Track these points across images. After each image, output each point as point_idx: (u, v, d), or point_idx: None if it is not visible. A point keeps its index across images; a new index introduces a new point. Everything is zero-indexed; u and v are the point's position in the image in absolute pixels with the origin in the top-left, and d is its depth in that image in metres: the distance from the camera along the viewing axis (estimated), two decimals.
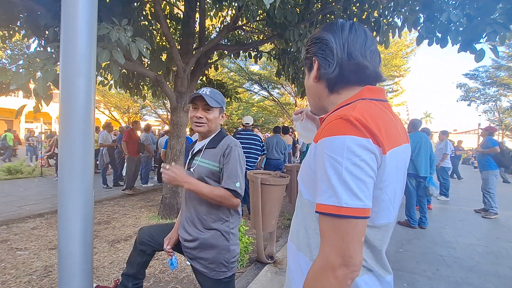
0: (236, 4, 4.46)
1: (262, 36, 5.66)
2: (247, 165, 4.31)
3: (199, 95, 1.41)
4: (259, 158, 4.95)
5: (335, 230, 0.58)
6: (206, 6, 5.29)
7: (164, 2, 5.30)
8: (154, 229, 1.74)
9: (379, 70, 0.75)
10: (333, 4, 4.06)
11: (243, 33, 5.99)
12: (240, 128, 7.29)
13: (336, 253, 0.58)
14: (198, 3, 4.73)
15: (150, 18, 4.96)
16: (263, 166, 5.50)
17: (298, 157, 8.81)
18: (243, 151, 1.48)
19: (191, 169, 1.45)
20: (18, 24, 3.62)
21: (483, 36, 2.92)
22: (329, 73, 0.73)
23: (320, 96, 0.79)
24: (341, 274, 0.57)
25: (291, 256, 0.80)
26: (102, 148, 6.91)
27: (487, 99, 20.84)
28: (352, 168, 0.58)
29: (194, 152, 1.52)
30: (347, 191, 0.58)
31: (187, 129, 5.65)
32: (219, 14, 5.96)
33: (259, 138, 4.80)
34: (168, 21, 5.42)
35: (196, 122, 1.46)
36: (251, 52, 5.50)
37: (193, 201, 1.44)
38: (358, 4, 4.17)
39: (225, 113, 1.57)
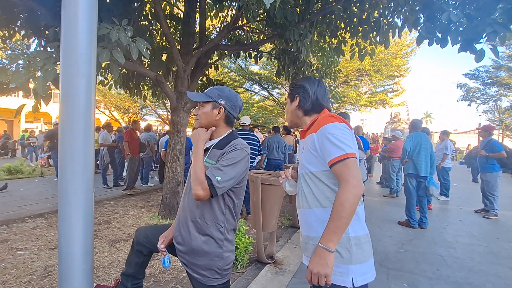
0: (236, 4, 4.47)
1: (262, 36, 5.66)
2: None
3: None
4: (258, 158, 4.95)
5: (347, 166, 1.04)
6: (206, 6, 5.29)
7: (164, 2, 5.30)
8: (150, 230, 1.72)
9: (329, 106, 1.33)
10: (333, 4, 4.06)
11: (243, 33, 5.99)
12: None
13: (352, 178, 1.02)
14: (198, 3, 4.73)
15: (150, 18, 4.96)
16: (263, 166, 5.50)
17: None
18: None
19: None
20: (18, 24, 3.62)
21: (483, 36, 2.92)
22: (306, 106, 1.30)
23: (297, 117, 1.34)
24: (359, 190, 1.02)
25: (306, 216, 1.20)
26: (102, 148, 6.92)
27: (487, 99, 20.84)
28: (343, 135, 1.09)
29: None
30: (344, 145, 1.07)
31: (188, 129, 5.65)
32: (219, 14, 5.96)
33: (256, 138, 4.80)
34: (168, 21, 5.42)
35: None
36: (251, 52, 5.50)
37: (189, 203, 1.39)
38: (358, 4, 4.17)
39: (222, 108, 1.41)
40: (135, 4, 4.16)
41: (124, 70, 4.95)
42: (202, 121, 1.42)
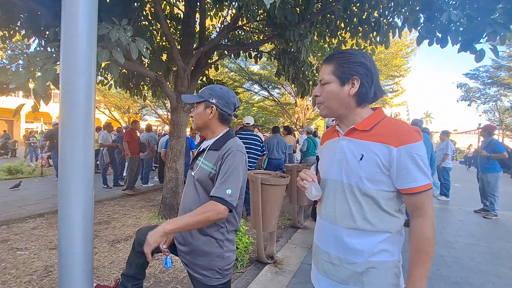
0: (236, 4, 4.47)
1: (262, 36, 5.66)
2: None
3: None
4: (259, 158, 4.94)
5: (430, 198, 0.92)
6: (206, 6, 5.29)
7: (164, 2, 5.30)
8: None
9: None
10: (333, 4, 4.06)
11: (243, 33, 5.99)
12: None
13: (432, 211, 0.93)
14: (198, 3, 4.73)
15: (150, 18, 4.96)
16: (264, 167, 5.49)
17: (298, 158, 8.77)
18: None
19: (193, 173, 1.39)
20: (19, 24, 3.62)
21: (483, 36, 2.92)
22: (367, 93, 0.98)
23: (348, 107, 1.01)
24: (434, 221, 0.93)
25: (348, 236, 0.98)
26: (102, 148, 6.92)
27: (487, 99, 20.81)
28: (425, 160, 0.92)
29: (199, 150, 1.45)
30: (429, 172, 0.92)
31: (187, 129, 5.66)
32: (219, 14, 5.96)
33: (259, 139, 4.79)
34: (168, 21, 5.42)
35: None
36: (251, 52, 5.50)
37: (189, 203, 1.38)
38: (358, 4, 4.17)
39: (214, 106, 1.38)
40: (135, 4, 4.17)
41: (124, 70, 4.95)
42: (197, 121, 1.42)
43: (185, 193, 1.46)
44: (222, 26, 5.67)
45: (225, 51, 5.64)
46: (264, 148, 4.95)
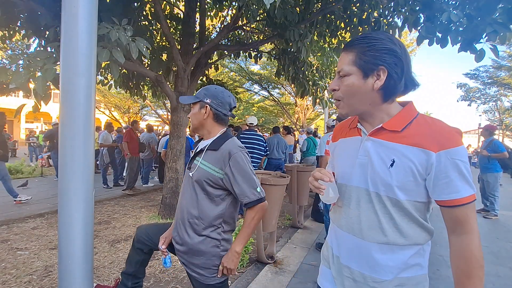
0: (236, 4, 4.47)
1: (262, 36, 5.66)
2: None
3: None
4: (262, 158, 4.94)
5: (474, 211, 0.79)
6: (206, 6, 5.29)
7: (164, 2, 5.30)
8: (152, 228, 1.72)
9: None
10: (333, 4, 4.06)
11: (243, 33, 5.99)
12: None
13: (477, 226, 0.80)
14: (198, 3, 4.73)
15: (150, 18, 4.96)
16: (264, 166, 5.50)
17: (298, 158, 8.77)
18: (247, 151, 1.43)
19: (191, 173, 1.38)
20: (19, 24, 3.62)
21: (484, 36, 2.92)
22: (396, 86, 0.82)
23: (372, 103, 0.85)
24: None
25: (376, 251, 0.85)
26: (102, 148, 6.92)
27: (487, 99, 20.82)
28: (469, 167, 0.79)
29: (197, 151, 1.45)
30: (472, 183, 0.79)
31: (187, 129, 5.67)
32: (219, 14, 5.96)
33: (262, 139, 4.79)
34: (168, 21, 5.42)
35: None
36: (251, 52, 5.50)
37: (186, 204, 1.38)
38: (358, 4, 4.17)
39: (208, 106, 1.39)
40: (135, 4, 4.17)
41: (124, 70, 4.95)
42: (193, 122, 1.44)
43: (182, 193, 1.45)
44: (222, 26, 5.66)
45: (225, 51, 5.64)
46: (267, 148, 4.95)
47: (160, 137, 8.58)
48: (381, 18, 4.08)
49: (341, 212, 0.94)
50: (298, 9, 4.20)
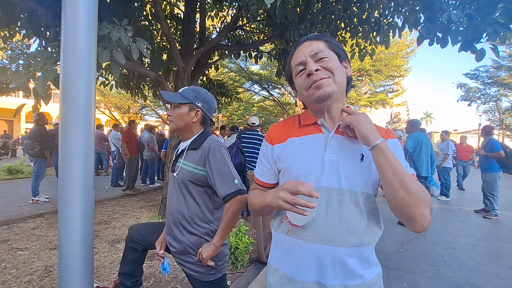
0: (236, 4, 4.46)
1: (262, 36, 5.66)
2: (250, 165, 4.29)
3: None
4: None
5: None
6: (206, 6, 5.29)
7: (165, 2, 5.30)
8: (144, 228, 1.73)
9: None
10: (334, 4, 4.06)
11: (243, 33, 5.99)
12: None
13: None
14: (198, 3, 4.73)
15: (150, 18, 4.96)
16: None
17: None
18: (248, 151, 1.44)
19: (175, 174, 1.39)
20: (19, 24, 3.62)
21: (484, 36, 2.92)
22: (350, 80, 0.90)
23: (344, 90, 0.88)
24: None
25: (353, 256, 0.79)
26: (117, 147, 6.91)
27: (487, 99, 20.79)
28: None
29: (178, 153, 1.44)
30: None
31: None
32: (220, 14, 5.95)
33: (263, 138, 4.78)
34: (168, 21, 5.42)
35: (168, 121, 1.45)
36: (252, 52, 5.50)
37: (176, 205, 1.39)
38: (358, 4, 4.17)
39: (199, 110, 1.40)
40: (135, 4, 4.16)
41: (124, 70, 4.95)
42: (178, 122, 1.40)
43: (170, 196, 1.45)
44: (222, 26, 5.66)
45: (225, 51, 5.64)
46: None
47: (158, 137, 8.59)
48: (381, 18, 4.08)
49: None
50: (298, 9, 4.20)
